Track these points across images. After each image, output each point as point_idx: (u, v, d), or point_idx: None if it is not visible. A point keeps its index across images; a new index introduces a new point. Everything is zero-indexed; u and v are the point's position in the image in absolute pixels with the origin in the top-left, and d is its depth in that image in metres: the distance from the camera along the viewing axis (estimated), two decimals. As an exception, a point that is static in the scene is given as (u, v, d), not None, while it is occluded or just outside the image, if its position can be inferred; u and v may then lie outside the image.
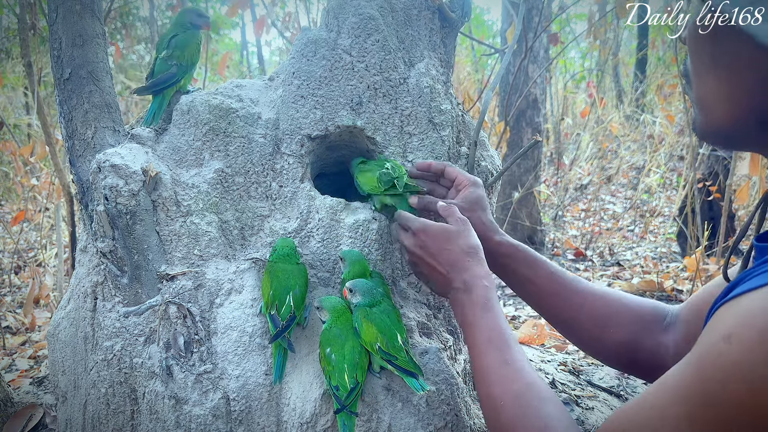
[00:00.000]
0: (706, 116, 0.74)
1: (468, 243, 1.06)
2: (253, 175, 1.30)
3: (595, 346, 1.13)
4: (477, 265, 1.04)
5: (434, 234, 1.08)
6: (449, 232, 1.07)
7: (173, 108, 1.34)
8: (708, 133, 0.76)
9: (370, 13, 1.32)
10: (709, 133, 0.76)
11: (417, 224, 1.10)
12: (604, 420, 0.73)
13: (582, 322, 1.12)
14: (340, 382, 1.02)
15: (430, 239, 1.08)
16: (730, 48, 0.67)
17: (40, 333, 2.63)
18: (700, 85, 0.74)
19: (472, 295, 1.00)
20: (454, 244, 1.06)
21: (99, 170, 1.18)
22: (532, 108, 4.62)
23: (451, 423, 1.11)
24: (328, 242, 1.27)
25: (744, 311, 0.57)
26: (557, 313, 1.15)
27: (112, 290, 1.23)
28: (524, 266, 1.15)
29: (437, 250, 1.07)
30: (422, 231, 1.09)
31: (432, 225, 1.09)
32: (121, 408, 1.21)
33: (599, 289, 1.14)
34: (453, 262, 1.05)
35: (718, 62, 0.70)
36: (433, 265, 1.07)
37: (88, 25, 1.31)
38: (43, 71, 3.34)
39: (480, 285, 1.01)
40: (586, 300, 1.12)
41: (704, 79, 0.73)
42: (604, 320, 1.10)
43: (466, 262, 1.04)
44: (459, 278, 1.03)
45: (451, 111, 1.38)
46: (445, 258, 1.05)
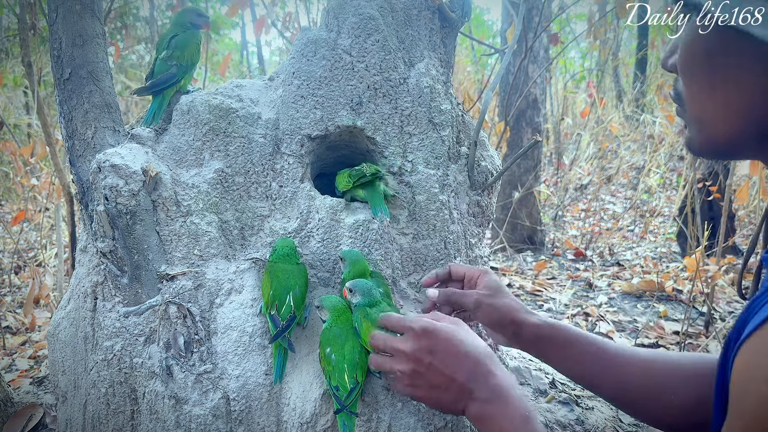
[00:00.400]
0: (706, 134, 0.74)
1: (482, 344, 0.92)
2: (253, 175, 1.30)
3: (657, 416, 1.03)
4: (501, 370, 0.90)
5: (444, 336, 0.91)
6: (460, 332, 0.92)
7: (173, 108, 1.34)
8: (707, 150, 0.76)
9: (370, 13, 1.32)
10: (709, 150, 0.76)
11: (420, 323, 0.93)
12: None
13: (637, 394, 1.03)
14: (340, 382, 1.02)
15: (441, 343, 0.90)
16: (729, 63, 0.68)
17: (40, 333, 2.63)
18: (697, 106, 0.73)
19: (508, 406, 0.86)
20: (469, 347, 0.90)
21: (99, 170, 1.18)
22: (532, 108, 4.62)
23: (451, 423, 1.11)
24: (328, 242, 1.27)
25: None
26: (609, 388, 1.06)
27: (112, 290, 1.23)
28: (567, 347, 1.06)
29: (452, 354, 0.90)
30: (428, 332, 0.91)
31: (439, 325, 0.92)
32: (121, 408, 1.21)
33: (646, 355, 1.06)
34: (473, 369, 0.88)
35: (717, 79, 0.70)
36: (448, 374, 0.89)
37: (88, 25, 1.31)
38: (43, 71, 3.34)
39: (515, 395, 0.87)
40: (636, 370, 1.03)
41: (702, 98, 0.72)
42: (659, 387, 1.01)
43: (489, 365, 0.89)
44: (484, 387, 0.87)
45: (451, 111, 1.38)
46: (462, 364, 0.89)
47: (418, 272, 1.34)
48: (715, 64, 0.69)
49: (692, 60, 0.72)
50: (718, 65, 0.69)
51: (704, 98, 0.72)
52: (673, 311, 2.84)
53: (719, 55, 0.68)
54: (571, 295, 3.09)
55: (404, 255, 1.32)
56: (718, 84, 0.70)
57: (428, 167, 1.34)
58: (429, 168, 1.34)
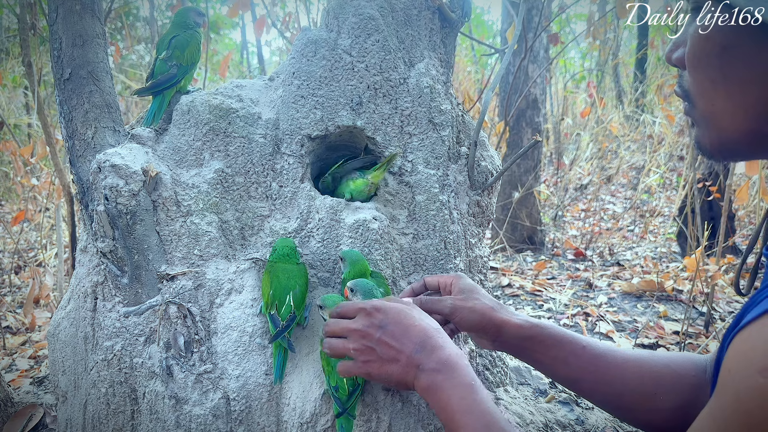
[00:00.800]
0: (717, 133, 0.72)
1: (432, 320, 0.95)
2: (253, 175, 1.30)
3: (645, 418, 1.01)
4: (449, 344, 0.92)
5: (393, 311, 0.95)
6: (409, 308, 0.96)
7: (173, 108, 1.34)
8: (719, 150, 0.74)
9: (370, 13, 1.32)
10: (721, 150, 0.74)
11: (369, 303, 0.97)
12: None
13: (625, 396, 1.01)
14: (339, 383, 1.02)
15: (390, 317, 0.94)
16: (741, 58, 0.66)
17: (40, 333, 2.63)
18: (708, 103, 0.71)
19: (455, 376, 0.87)
20: (418, 321, 0.94)
21: (99, 170, 1.18)
22: (532, 108, 4.62)
23: (451, 423, 1.11)
24: (328, 242, 1.27)
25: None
26: (596, 390, 1.04)
27: (112, 290, 1.23)
28: (552, 347, 1.04)
29: (401, 328, 0.93)
30: (377, 309, 0.95)
31: (388, 302, 0.97)
32: (121, 408, 1.21)
33: (635, 356, 1.04)
34: (422, 341, 0.91)
35: (729, 75, 0.68)
36: (397, 348, 0.92)
37: (88, 25, 1.31)
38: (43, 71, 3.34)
39: (462, 364, 0.89)
40: (624, 372, 1.01)
41: (713, 95, 0.70)
42: (648, 390, 1.00)
43: (437, 338, 0.92)
44: (433, 357, 0.90)
45: (451, 111, 1.38)
46: (410, 337, 0.92)
47: (418, 272, 1.34)
48: (727, 59, 0.67)
49: (705, 54, 0.69)
50: (730, 61, 0.67)
51: (716, 94, 0.70)
52: (673, 311, 2.84)
53: (731, 49, 0.66)
54: (571, 295, 3.09)
55: (404, 255, 1.32)
56: (729, 79, 0.68)
57: (428, 167, 1.34)
58: (429, 168, 1.34)
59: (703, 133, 0.74)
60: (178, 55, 1.35)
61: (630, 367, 1.01)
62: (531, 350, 1.05)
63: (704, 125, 0.73)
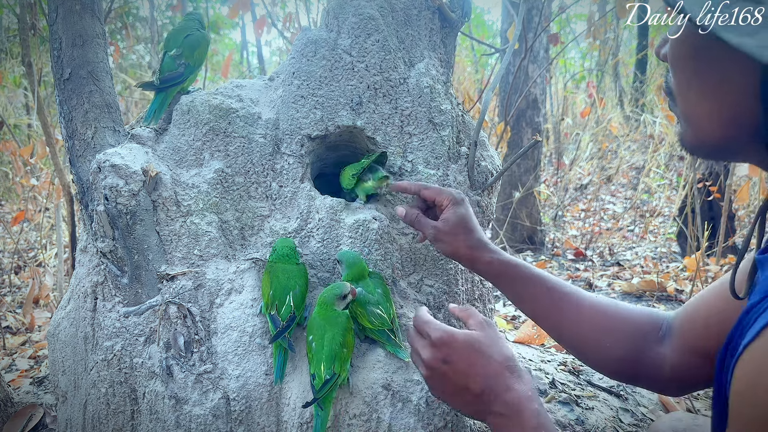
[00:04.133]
0: (695, 132, 0.73)
1: (503, 354, 0.90)
2: (253, 175, 1.30)
3: (597, 360, 1.07)
4: (519, 382, 0.87)
5: (461, 346, 0.89)
6: (480, 342, 0.90)
7: (173, 108, 1.34)
8: (697, 147, 0.75)
9: (370, 13, 1.32)
10: (699, 147, 0.75)
11: (437, 333, 0.91)
12: None
13: (582, 338, 1.07)
14: (316, 371, 1.03)
15: (457, 353, 0.89)
16: (715, 64, 0.66)
17: (40, 333, 2.62)
18: (686, 102, 0.72)
19: (521, 420, 0.84)
20: (487, 358, 0.88)
21: (99, 170, 1.18)
22: (532, 108, 4.62)
23: (451, 423, 1.11)
24: (328, 242, 1.27)
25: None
26: (557, 328, 1.10)
27: (112, 290, 1.23)
28: (519, 284, 1.09)
29: (467, 366, 0.88)
30: (444, 343, 0.90)
31: (457, 334, 0.90)
32: (121, 408, 1.21)
33: (598, 302, 1.08)
34: (489, 381, 0.87)
35: (704, 79, 0.68)
36: (462, 385, 0.88)
37: (88, 25, 1.31)
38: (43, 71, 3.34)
39: (529, 408, 0.85)
40: (585, 314, 1.06)
41: (690, 96, 0.71)
42: (604, 335, 1.05)
43: (506, 378, 0.87)
44: (500, 400, 0.86)
45: (451, 111, 1.38)
46: (477, 376, 0.88)
47: (417, 272, 1.34)
48: (701, 64, 0.68)
49: (680, 57, 0.71)
50: (703, 66, 0.68)
51: (691, 96, 0.71)
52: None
53: (704, 56, 0.67)
54: (571, 295, 3.09)
55: (404, 255, 1.32)
56: (702, 84, 0.69)
57: (428, 167, 1.34)
58: (429, 168, 1.34)
59: (684, 130, 0.75)
60: (188, 54, 1.35)
61: (587, 312, 1.07)
62: (500, 285, 1.12)
63: (685, 123, 0.74)
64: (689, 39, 0.69)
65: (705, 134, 0.71)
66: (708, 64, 0.67)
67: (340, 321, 1.08)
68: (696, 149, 0.75)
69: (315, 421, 1.03)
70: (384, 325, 1.11)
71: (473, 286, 1.44)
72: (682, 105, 0.73)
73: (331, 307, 1.09)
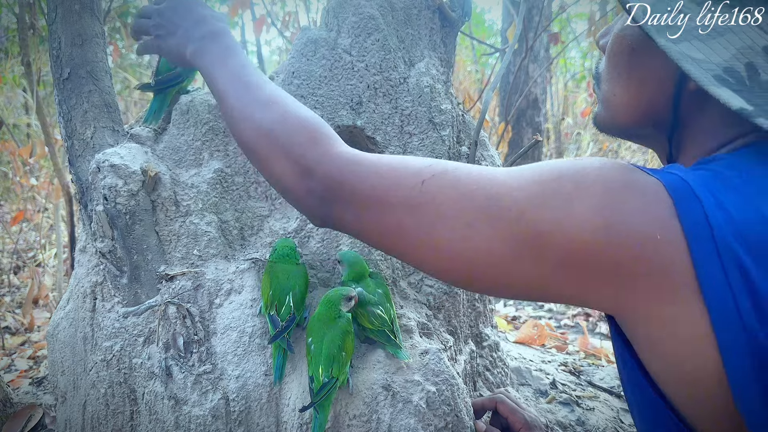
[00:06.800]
0: (611, 115, 0.83)
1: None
2: (252, 174, 1.30)
3: None
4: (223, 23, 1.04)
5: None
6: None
7: (173, 108, 1.33)
8: (608, 128, 0.86)
9: (370, 13, 1.31)
10: (610, 128, 0.85)
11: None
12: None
13: None
14: (315, 374, 1.02)
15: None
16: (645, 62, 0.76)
17: (39, 333, 2.62)
18: (610, 90, 0.82)
19: (219, 41, 0.97)
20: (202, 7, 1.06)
21: (98, 170, 1.18)
22: (533, 107, 4.62)
23: (451, 423, 1.11)
24: (328, 242, 1.26)
25: None
26: None
27: (111, 290, 1.23)
28: None
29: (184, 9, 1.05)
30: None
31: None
32: (120, 408, 1.21)
33: None
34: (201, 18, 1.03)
35: (632, 73, 0.78)
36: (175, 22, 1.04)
37: (87, 24, 1.31)
38: (42, 71, 3.33)
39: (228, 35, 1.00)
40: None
41: (615, 85, 0.80)
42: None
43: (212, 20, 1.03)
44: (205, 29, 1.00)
45: (452, 111, 1.38)
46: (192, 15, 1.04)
47: (417, 272, 1.34)
48: (633, 60, 0.77)
49: (617, 50, 0.79)
50: (635, 61, 0.77)
51: (617, 84, 0.80)
52: (674, 311, 2.84)
53: (638, 51, 0.76)
54: (572, 295, 3.09)
55: (404, 255, 1.31)
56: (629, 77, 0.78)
57: (428, 167, 1.34)
58: (429, 168, 1.34)
59: (601, 111, 0.86)
60: None
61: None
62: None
63: (604, 106, 0.84)
64: (629, 36, 0.77)
65: (620, 119, 0.82)
66: (639, 61, 0.77)
67: (341, 324, 1.07)
68: (607, 129, 0.87)
69: (313, 422, 1.03)
70: (384, 326, 1.11)
71: (473, 287, 1.44)
72: (606, 91, 0.83)
73: (335, 307, 1.09)
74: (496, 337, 1.57)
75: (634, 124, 0.81)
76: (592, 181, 0.62)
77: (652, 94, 0.77)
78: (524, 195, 0.64)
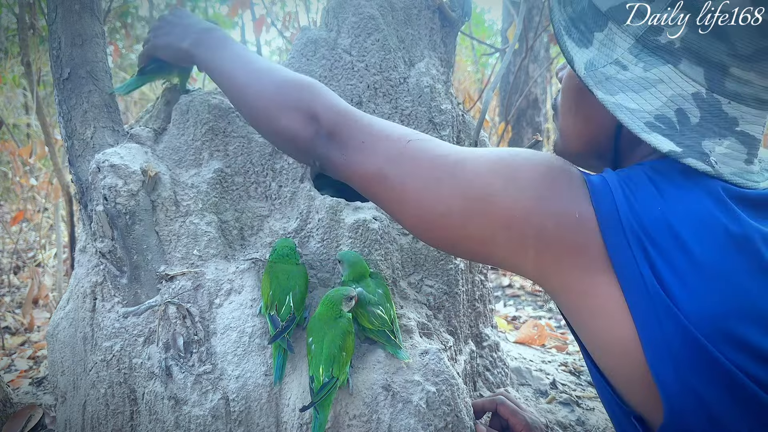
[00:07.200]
0: (564, 143, 0.94)
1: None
2: (252, 175, 1.29)
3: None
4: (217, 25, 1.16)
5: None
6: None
7: (173, 108, 1.33)
8: (563, 154, 0.94)
9: (370, 13, 1.31)
10: (564, 154, 0.93)
11: None
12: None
13: None
14: (315, 373, 1.02)
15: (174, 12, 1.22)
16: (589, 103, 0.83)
17: (39, 333, 2.62)
18: (564, 121, 0.93)
19: (214, 34, 1.09)
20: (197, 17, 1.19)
21: (98, 170, 1.18)
22: (533, 107, 4.62)
23: (451, 424, 1.11)
24: (328, 242, 1.26)
25: None
26: None
27: (111, 290, 1.23)
28: None
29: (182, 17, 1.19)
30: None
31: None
32: (120, 408, 1.21)
33: None
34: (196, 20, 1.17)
35: (580, 110, 0.89)
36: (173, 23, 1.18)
37: (87, 24, 1.31)
38: (42, 71, 3.33)
39: (222, 30, 1.11)
40: None
41: (567, 117, 0.91)
42: None
43: (206, 22, 1.15)
44: (200, 26, 1.13)
45: (452, 111, 1.38)
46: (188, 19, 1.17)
47: (418, 272, 1.34)
48: (580, 99, 0.87)
49: (569, 87, 0.90)
50: (582, 100, 0.87)
51: (567, 117, 0.91)
52: (674, 311, 2.83)
53: (584, 91, 0.82)
54: (572, 295, 3.09)
55: (404, 255, 1.31)
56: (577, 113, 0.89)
57: (428, 167, 1.34)
58: (429, 168, 1.34)
59: (557, 139, 0.96)
60: None
61: None
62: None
63: (560, 134, 0.95)
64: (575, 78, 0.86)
65: (571, 147, 0.93)
66: (584, 101, 0.85)
67: (341, 324, 1.07)
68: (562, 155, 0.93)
69: (313, 422, 1.03)
70: (384, 326, 1.11)
71: (474, 287, 1.44)
72: (561, 122, 0.94)
73: (336, 307, 1.08)
74: (496, 337, 1.57)
75: (583, 152, 0.92)
76: (539, 162, 0.76)
77: (596, 130, 0.87)
78: (484, 161, 0.78)
